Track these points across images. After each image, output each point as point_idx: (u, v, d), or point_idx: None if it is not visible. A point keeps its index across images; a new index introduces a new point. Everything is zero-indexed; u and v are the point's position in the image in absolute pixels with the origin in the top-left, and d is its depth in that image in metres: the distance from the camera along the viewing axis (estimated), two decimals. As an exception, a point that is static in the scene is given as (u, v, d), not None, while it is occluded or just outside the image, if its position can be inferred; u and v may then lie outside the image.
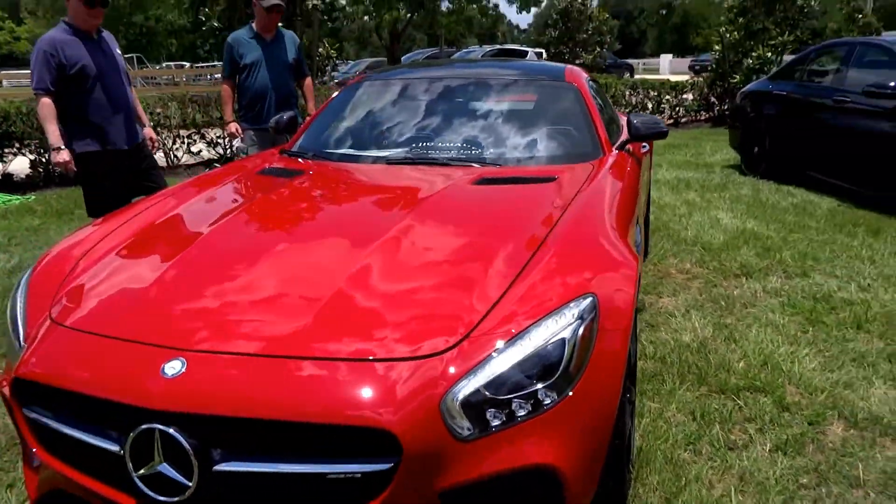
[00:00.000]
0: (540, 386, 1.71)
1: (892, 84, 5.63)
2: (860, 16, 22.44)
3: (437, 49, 24.84)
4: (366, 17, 15.62)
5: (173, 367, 1.65)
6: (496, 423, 1.67)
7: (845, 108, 6.20)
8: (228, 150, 8.96)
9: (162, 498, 1.64)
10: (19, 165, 7.55)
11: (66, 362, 1.79)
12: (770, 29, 12.69)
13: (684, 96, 13.49)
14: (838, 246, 4.82)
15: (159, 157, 8.69)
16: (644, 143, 3.95)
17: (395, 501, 1.60)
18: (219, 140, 8.57)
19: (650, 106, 12.86)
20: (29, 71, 3.74)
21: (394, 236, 2.17)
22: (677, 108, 13.35)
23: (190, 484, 1.60)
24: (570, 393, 1.73)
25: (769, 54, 12.27)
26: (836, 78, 6.61)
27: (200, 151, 8.66)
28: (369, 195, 2.77)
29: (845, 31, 23.61)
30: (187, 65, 25.83)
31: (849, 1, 23.52)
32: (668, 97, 13.14)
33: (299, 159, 3.27)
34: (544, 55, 20.28)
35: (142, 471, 1.64)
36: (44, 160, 7.34)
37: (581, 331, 1.78)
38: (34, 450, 1.85)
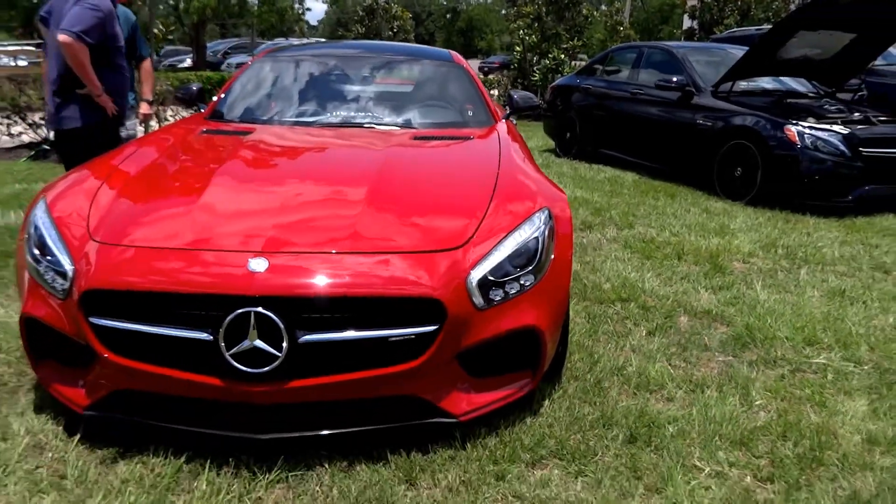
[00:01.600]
0: (523, 272, 2.33)
1: (675, 79, 7.02)
2: (621, 28, 25.90)
3: (239, 39, 24.35)
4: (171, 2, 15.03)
5: (259, 264, 2.05)
6: (497, 298, 2.27)
7: (641, 99, 7.57)
8: (52, 133, 8.41)
9: (252, 370, 2.02)
10: None
11: (149, 272, 2.09)
12: (562, 34, 14.42)
13: (491, 92, 14.82)
14: (648, 207, 6.02)
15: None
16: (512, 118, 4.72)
17: (435, 358, 2.15)
18: (42, 121, 8.03)
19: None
20: None
21: (385, 167, 2.69)
22: (486, 103, 14.62)
23: (279, 354, 2.01)
24: (542, 277, 2.38)
25: (562, 56, 13.95)
26: (632, 74, 8.00)
27: (21, 134, 8.07)
28: (335, 143, 3.19)
29: (609, 41, 26.99)
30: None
31: (612, 15, 26.98)
32: (478, 92, 14.36)
33: (230, 123, 3.56)
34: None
35: (234, 349, 2.00)
36: None
37: (546, 233, 2.44)
38: (105, 355, 2.10)
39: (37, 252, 2.32)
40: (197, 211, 2.31)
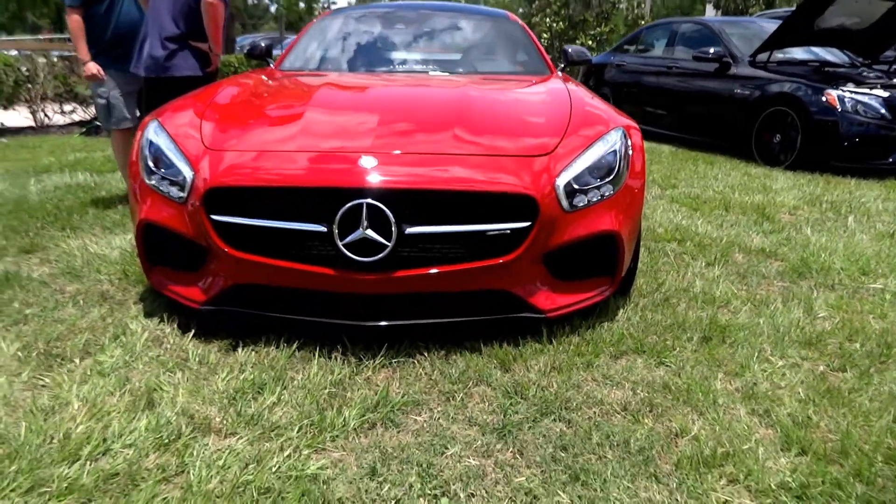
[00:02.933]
0: (602, 182, 2.49)
1: (712, 50, 7.13)
2: (643, 22, 25.95)
3: (264, 35, 24.71)
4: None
5: (369, 162, 2.22)
6: (580, 204, 2.42)
7: (676, 72, 7.68)
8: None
9: (363, 259, 2.19)
10: None
11: (270, 170, 2.27)
12: (589, 20, 14.53)
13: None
14: (688, 172, 6.14)
15: (26, 116, 8.29)
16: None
17: (527, 254, 2.31)
18: (92, 99, 8.30)
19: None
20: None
21: (466, 95, 2.85)
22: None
23: (388, 244, 2.18)
24: (620, 189, 2.54)
25: (590, 42, 14.06)
26: (667, 49, 8.12)
27: (74, 111, 8.34)
28: (413, 82, 3.36)
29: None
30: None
31: (633, 8, 27.06)
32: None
33: (303, 71, 3.75)
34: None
35: (348, 239, 2.18)
36: None
37: (622, 149, 2.59)
38: (225, 250, 2.28)
39: (152, 165, 2.51)
40: (304, 123, 2.49)
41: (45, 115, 8.17)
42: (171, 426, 1.89)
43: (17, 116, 8.31)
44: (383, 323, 2.29)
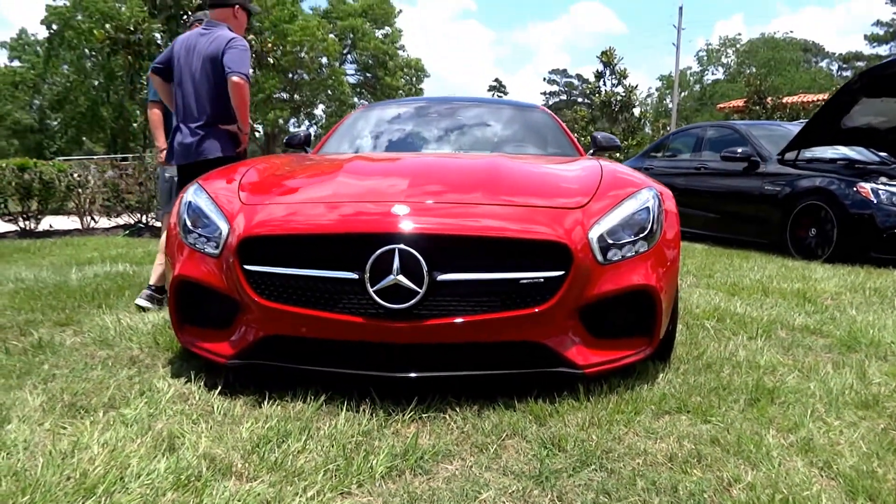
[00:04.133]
0: (637, 238, 2.46)
1: (740, 150, 7.24)
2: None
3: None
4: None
5: (401, 209, 2.23)
6: (614, 258, 2.39)
7: (705, 173, 7.77)
8: (146, 216, 8.99)
9: (394, 306, 2.16)
10: None
11: (302, 218, 2.30)
12: (616, 135, 14.97)
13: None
14: (723, 265, 6.06)
15: (73, 220, 8.64)
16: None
17: (561, 304, 2.25)
18: (138, 205, 8.65)
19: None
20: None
21: (497, 160, 2.91)
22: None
23: (420, 290, 2.15)
24: (655, 245, 2.50)
25: (617, 154, 14.41)
26: (694, 152, 8.27)
27: (118, 215, 8.68)
28: (446, 154, 3.44)
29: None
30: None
31: (658, 130, 27.90)
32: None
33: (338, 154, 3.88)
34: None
35: (379, 285, 2.15)
36: None
37: (655, 206, 2.58)
38: (256, 300, 2.27)
39: (190, 225, 2.56)
40: (337, 185, 2.55)
41: (92, 218, 8.51)
42: (191, 468, 1.81)
43: (65, 220, 8.67)
44: (413, 374, 2.21)
